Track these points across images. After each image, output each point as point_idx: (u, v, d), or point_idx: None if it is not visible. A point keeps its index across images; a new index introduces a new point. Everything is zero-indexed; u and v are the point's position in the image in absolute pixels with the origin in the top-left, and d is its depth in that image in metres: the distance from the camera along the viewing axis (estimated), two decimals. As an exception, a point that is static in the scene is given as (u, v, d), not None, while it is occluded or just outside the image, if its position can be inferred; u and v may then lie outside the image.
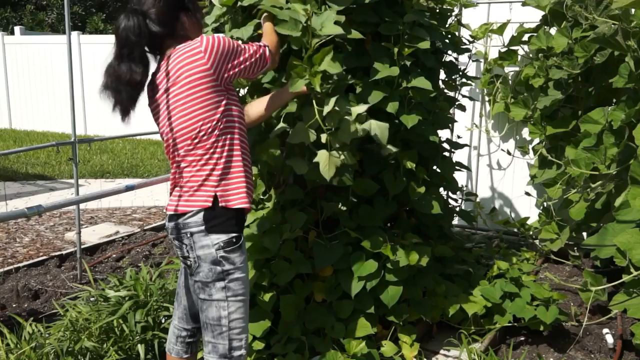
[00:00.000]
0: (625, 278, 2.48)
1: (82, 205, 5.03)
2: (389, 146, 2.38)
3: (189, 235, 1.80)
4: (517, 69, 3.95)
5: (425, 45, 2.51)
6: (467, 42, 3.49)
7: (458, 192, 3.72)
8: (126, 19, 1.78)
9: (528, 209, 4.23)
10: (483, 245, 3.89)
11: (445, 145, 3.21)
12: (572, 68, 3.28)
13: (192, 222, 1.80)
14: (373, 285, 2.48)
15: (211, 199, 1.78)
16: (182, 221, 1.80)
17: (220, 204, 1.79)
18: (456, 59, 3.52)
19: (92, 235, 4.58)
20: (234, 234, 1.81)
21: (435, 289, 2.75)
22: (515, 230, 4.07)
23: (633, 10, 2.81)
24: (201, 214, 1.78)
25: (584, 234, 3.69)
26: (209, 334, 1.85)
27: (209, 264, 1.79)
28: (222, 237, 1.79)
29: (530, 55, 3.84)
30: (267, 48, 1.93)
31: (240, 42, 1.87)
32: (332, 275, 2.56)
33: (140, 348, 2.34)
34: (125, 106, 1.89)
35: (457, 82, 3.35)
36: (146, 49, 1.85)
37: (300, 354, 2.40)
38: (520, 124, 4.10)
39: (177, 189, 1.87)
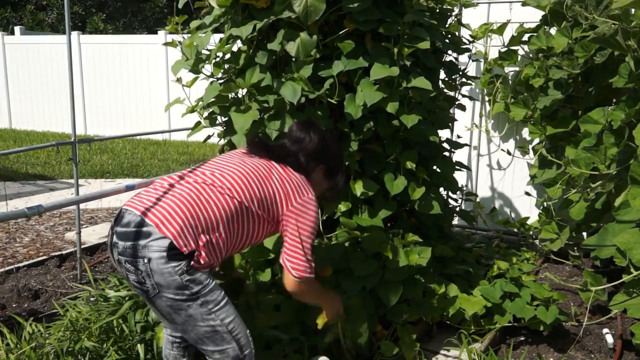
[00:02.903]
0: (625, 278, 2.48)
1: (82, 205, 5.03)
2: None
3: (145, 262, 1.65)
4: (517, 69, 3.95)
5: (425, 45, 2.51)
6: (467, 42, 3.50)
7: (458, 192, 3.72)
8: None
9: (528, 209, 4.23)
10: (483, 245, 3.89)
11: (445, 145, 3.21)
12: (572, 68, 3.28)
13: (154, 245, 1.65)
14: (372, 285, 2.48)
15: (188, 250, 1.68)
16: (144, 243, 1.66)
17: (191, 262, 1.68)
18: (456, 58, 3.52)
19: (92, 235, 4.58)
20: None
21: (435, 289, 2.75)
22: (515, 230, 4.06)
23: (633, 10, 2.81)
24: (168, 241, 1.65)
25: (584, 234, 3.68)
26: (210, 345, 1.78)
27: (174, 290, 1.68)
28: (184, 261, 1.67)
29: (530, 55, 3.84)
30: (309, 273, 1.91)
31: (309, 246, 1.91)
32: (332, 275, 2.56)
33: (140, 348, 2.34)
34: None
35: (457, 82, 3.35)
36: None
37: (300, 353, 2.40)
38: (520, 124, 4.09)
39: (166, 200, 1.75)
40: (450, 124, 3.56)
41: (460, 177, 4.14)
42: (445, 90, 3.23)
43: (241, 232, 1.83)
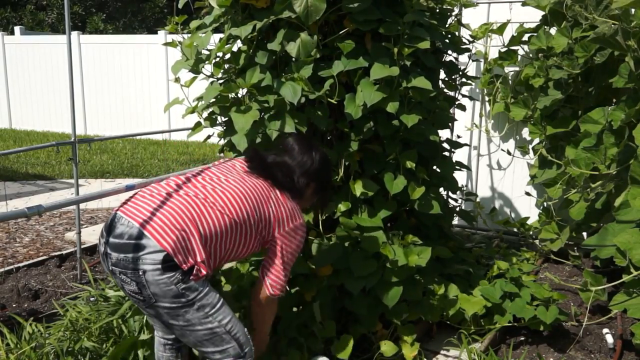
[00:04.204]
0: (625, 278, 2.48)
1: (82, 205, 5.03)
2: None
3: (140, 273, 1.66)
4: (517, 69, 3.95)
5: (425, 45, 2.51)
6: (467, 42, 3.50)
7: (458, 192, 3.72)
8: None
9: (528, 209, 4.23)
10: (483, 245, 3.89)
11: (445, 145, 3.21)
12: (572, 68, 3.28)
13: (149, 259, 1.65)
14: (372, 285, 2.48)
15: (187, 267, 1.69)
16: (139, 255, 1.65)
17: (191, 277, 1.70)
18: (456, 58, 3.52)
19: (92, 235, 4.58)
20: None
21: (435, 289, 2.75)
22: (515, 230, 4.07)
23: (633, 10, 2.81)
24: (162, 254, 1.65)
25: (584, 234, 3.68)
26: (210, 347, 1.78)
27: (171, 298, 1.69)
28: (178, 270, 1.67)
29: (530, 55, 3.84)
30: (283, 291, 1.99)
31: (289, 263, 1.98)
32: (332, 274, 2.56)
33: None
34: None
35: (457, 82, 3.35)
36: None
37: (301, 352, 2.40)
38: (520, 124, 4.09)
39: (162, 212, 1.73)
40: (450, 124, 3.56)
41: (460, 177, 4.15)
42: (445, 90, 3.23)
43: (232, 247, 1.84)
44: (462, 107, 3.48)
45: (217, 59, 2.67)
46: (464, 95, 3.49)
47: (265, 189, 1.93)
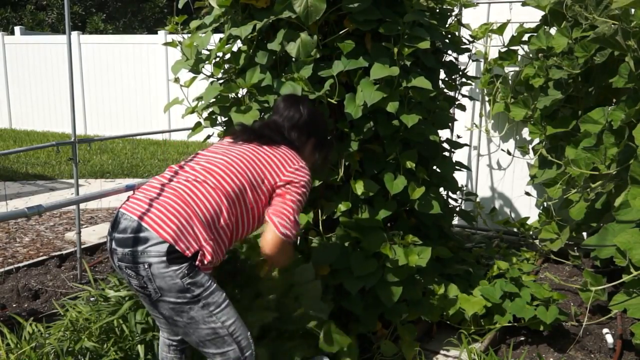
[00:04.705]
0: (625, 278, 2.48)
1: (82, 205, 5.03)
2: None
3: (146, 267, 1.66)
4: (517, 69, 3.95)
5: (425, 45, 2.51)
6: (467, 42, 3.50)
7: (458, 192, 3.72)
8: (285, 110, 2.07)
9: (528, 209, 4.23)
10: (483, 245, 3.89)
11: (445, 145, 3.21)
12: (572, 68, 3.28)
13: (153, 251, 1.65)
14: (372, 284, 2.48)
15: (191, 253, 1.67)
16: (142, 248, 1.66)
17: (196, 262, 1.69)
18: (456, 58, 3.52)
19: (92, 235, 4.58)
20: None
21: (435, 289, 2.75)
22: (515, 230, 4.07)
23: (633, 10, 2.81)
24: (166, 245, 1.65)
25: (584, 234, 3.68)
26: (212, 348, 1.77)
27: (176, 293, 1.68)
28: (184, 264, 1.67)
29: (530, 55, 3.84)
30: (293, 234, 1.85)
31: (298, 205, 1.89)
32: (330, 273, 2.56)
33: (140, 348, 2.34)
34: None
35: (457, 82, 3.35)
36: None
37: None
38: (520, 124, 4.09)
39: (160, 202, 1.73)
40: (450, 124, 3.56)
41: (460, 177, 4.14)
42: (445, 90, 3.23)
43: (242, 219, 1.83)
44: (462, 107, 3.48)
45: (217, 59, 2.67)
46: (464, 95, 3.49)
47: (251, 149, 1.92)
